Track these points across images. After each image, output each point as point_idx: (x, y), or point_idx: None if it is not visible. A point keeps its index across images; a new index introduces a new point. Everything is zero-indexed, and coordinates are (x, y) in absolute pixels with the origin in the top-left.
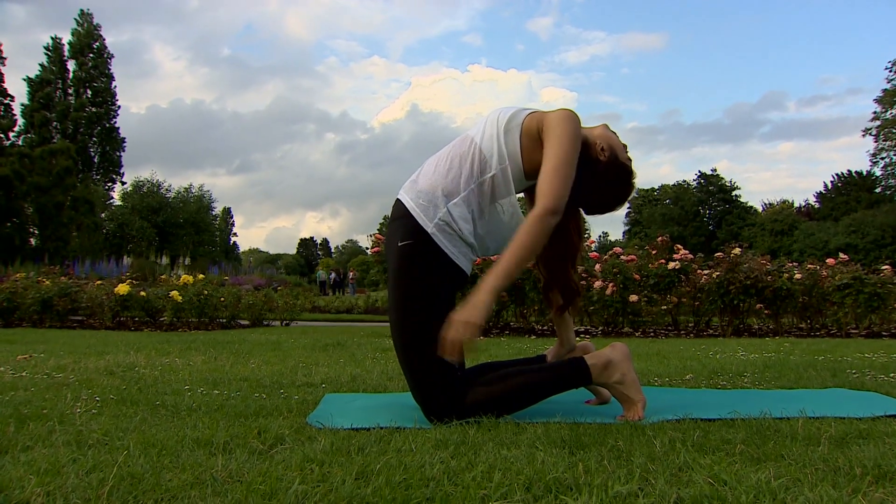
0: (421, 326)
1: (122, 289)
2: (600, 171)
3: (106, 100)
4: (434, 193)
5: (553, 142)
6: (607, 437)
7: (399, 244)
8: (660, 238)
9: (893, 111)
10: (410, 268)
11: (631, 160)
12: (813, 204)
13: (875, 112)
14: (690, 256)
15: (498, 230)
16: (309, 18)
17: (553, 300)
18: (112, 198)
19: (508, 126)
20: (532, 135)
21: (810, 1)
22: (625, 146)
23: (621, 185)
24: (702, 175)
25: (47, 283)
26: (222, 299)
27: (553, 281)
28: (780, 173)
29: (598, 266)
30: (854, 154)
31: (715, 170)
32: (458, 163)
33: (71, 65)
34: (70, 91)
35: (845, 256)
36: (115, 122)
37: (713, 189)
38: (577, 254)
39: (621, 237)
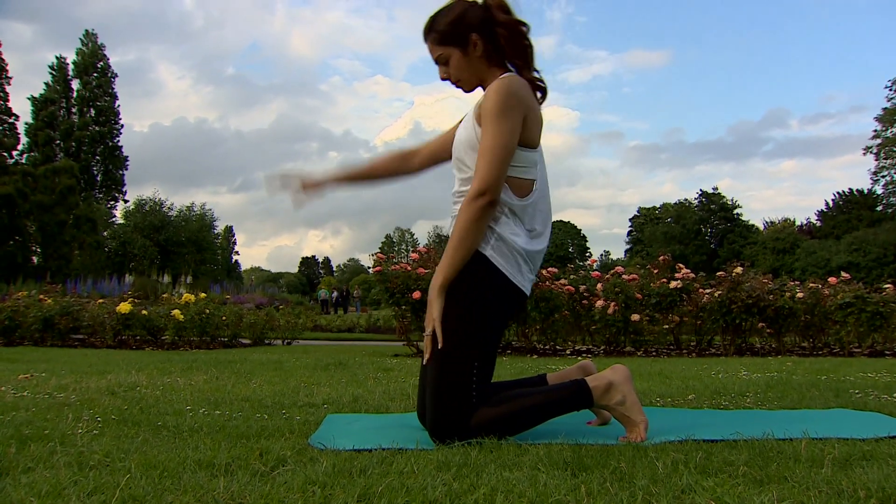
0: (463, 345)
1: (124, 307)
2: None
3: (109, 118)
4: None
5: (486, 122)
6: (610, 458)
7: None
8: (661, 257)
9: (894, 129)
10: (468, 288)
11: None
12: (814, 222)
13: (876, 130)
14: (692, 275)
15: (550, 209)
16: (313, 38)
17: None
18: (114, 216)
19: (477, 136)
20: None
21: (814, 19)
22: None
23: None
24: (703, 193)
25: (49, 301)
26: (224, 318)
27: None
28: (782, 191)
29: (599, 285)
30: (856, 172)
31: (716, 188)
32: None
33: (75, 84)
34: (74, 110)
35: (847, 275)
36: (118, 141)
37: (715, 207)
38: None
39: (623, 256)
